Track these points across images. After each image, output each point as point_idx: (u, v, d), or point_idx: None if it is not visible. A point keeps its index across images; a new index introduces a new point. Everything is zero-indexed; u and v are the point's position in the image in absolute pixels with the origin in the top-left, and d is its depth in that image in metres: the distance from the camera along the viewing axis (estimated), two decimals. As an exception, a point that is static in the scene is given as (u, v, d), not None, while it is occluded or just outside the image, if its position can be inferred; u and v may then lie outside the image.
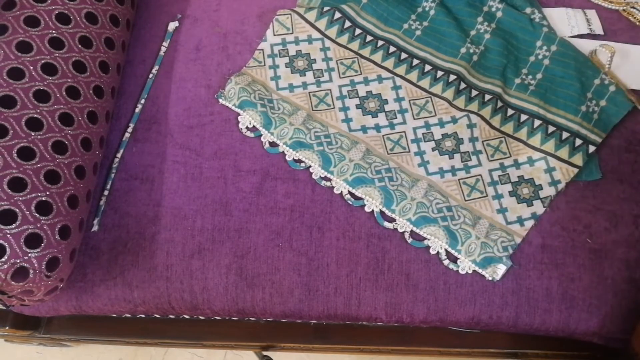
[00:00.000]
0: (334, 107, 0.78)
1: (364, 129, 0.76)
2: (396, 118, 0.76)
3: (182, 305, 0.73)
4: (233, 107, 0.78)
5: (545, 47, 0.80)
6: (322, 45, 0.83)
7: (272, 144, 0.76)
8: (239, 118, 0.78)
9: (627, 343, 0.66)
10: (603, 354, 0.76)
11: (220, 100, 0.80)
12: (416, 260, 0.70)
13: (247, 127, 0.78)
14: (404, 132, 0.76)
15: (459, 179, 0.73)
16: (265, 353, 0.90)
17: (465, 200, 0.71)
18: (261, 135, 0.77)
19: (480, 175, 0.73)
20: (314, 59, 0.82)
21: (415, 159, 0.74)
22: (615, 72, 0.79)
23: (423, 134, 0.76)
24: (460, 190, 0.72)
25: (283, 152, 0.76)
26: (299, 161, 0.75)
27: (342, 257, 0.70)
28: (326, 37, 0.84)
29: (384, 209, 0.71)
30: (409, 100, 0.78)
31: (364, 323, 0.78)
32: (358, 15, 0.85)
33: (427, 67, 0.80)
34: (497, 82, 0.79)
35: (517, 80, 0.79)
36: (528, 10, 0.83)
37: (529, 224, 0.70)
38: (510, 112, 0.76)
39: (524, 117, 0.76)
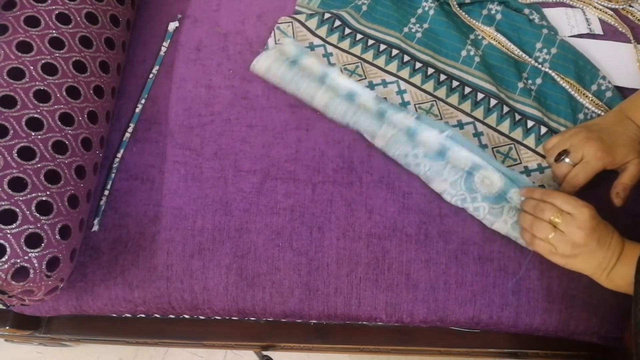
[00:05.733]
0: None
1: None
2: None
3: (182, 305, 0.73)
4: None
5: (545, 50, 0.80)
6: (324, 51, 0.83)
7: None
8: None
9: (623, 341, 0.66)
10: (602, 353, 0.76)
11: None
12: (416, 260, 0.70)
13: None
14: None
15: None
16: (265, 353, 0.90)
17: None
18: None
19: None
20: None
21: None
22: (602, 69, 0.78)
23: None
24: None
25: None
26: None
27: (342, 257, 0.70)
28: (328, 44, 0.83)
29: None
30: (415, 105, 0.77)
31: (364, 323, 0.78)
32: (358, 23, 0.84)
33: (430, 70, 0.80)
34: (500, 86, 0.79)
35: (520, 85, 0.78)
36: (527, 10, 0.83)
37: None
38: (517, 117, 0.76)
39: (530, 123, 0.75)
